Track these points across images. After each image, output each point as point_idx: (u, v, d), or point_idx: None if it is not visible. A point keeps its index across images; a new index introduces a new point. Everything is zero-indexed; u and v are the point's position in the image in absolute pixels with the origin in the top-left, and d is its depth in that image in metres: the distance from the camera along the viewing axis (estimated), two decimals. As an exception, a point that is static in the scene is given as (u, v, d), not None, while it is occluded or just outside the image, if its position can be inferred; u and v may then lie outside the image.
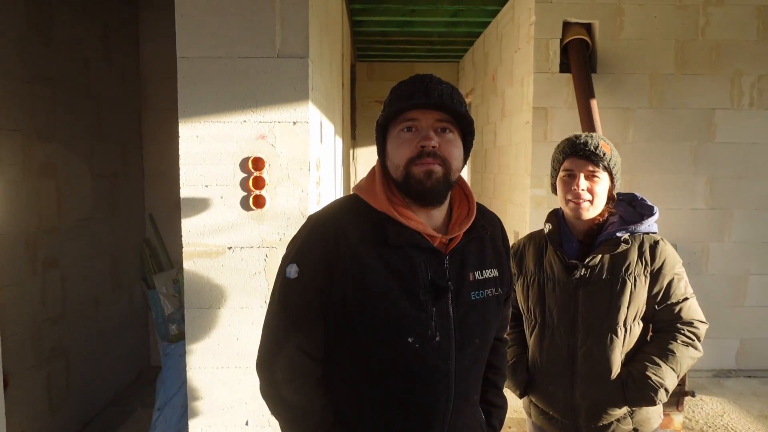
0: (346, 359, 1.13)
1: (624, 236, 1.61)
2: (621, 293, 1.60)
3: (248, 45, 2.16)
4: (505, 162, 4.99)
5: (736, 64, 4.15)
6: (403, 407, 1.12)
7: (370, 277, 1.08)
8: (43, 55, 3.15)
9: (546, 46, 4.10)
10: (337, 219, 1.13)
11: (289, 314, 1.12)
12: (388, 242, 1.09)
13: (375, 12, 5.28)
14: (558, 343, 1.66)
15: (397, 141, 1.12)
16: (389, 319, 1.09)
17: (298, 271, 1.10)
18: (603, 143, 1.63)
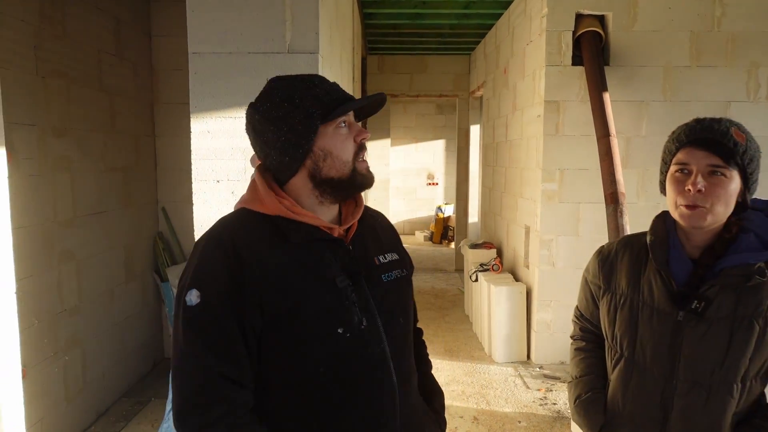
0: (277, 374, 1.07)
1: (759, 264, 1.19)
2: (745, 339, 1.19)
3: (259, 41, 2.17)
4: (516, 156, 4.96)
5: (753, 56, 4.08)
6: (352, 404, 1.09)
7: (284, 278, 1.06)
8: (57, 49, 3.18)
9: (558, 38, 4.07)
10: (230, 231, 1.08)
11: (205, 343, 1.01)
12: (290, 240, 1.09)
13: (386, 4, 5.26)
14: (649, 389, 1.29)
15: (338, 138, 1.11)
16: (314, 314, 1.06)
17: (199, 296, 1.01)
18: (735, 130, 1.22)
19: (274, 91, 1.12)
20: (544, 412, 3.61)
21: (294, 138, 1.09)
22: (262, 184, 1.13)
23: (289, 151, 1.10)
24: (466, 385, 4.04)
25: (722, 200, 1.19)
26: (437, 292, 6.84)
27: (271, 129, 1.10)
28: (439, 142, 11.63)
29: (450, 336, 5.15)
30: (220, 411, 0.99)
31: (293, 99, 1.10)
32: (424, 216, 11.70)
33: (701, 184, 1.18)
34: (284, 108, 1.09)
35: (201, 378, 1.00)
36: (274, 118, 1.10)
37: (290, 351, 1.05)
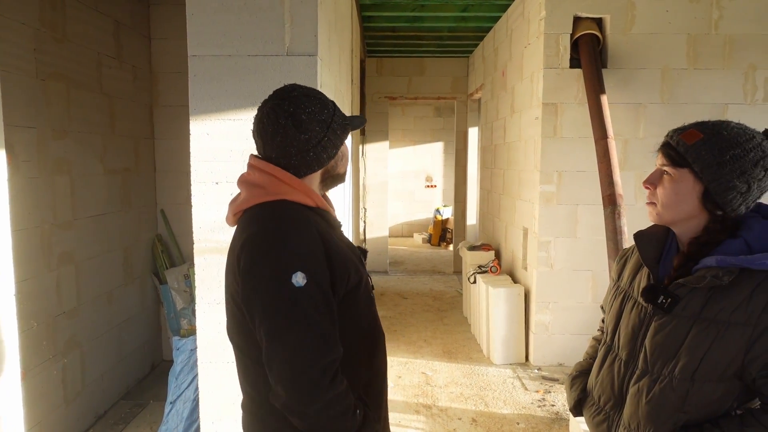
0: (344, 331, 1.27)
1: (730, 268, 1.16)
2: (700, 338, 1.19)
3: (258, 43, 2.18)
4: (515, 158, 4.97)
5: (750, 58, 4.11)
6: (380, 350, 1.42)
7: (349, 258, 1.30)
8: (57, 52, 3.19)
9: (556, 41, 4.08)
10: (307, 218, 1.25)
11: (322, 314, 1.18)
12: (333, 227, 1.35)
13: (384, 7, 5.28)
14: (614, 373, 1.36)
15: (345, 151, 1.40)
16: (365, 284, 1.35)
17: (305, 277, 1.16)
18: (691, 131, 1.23)
19: (312, 98, 1.30)
20: (543, 413, 3.62)
21: (335, 139, 1.32)
22: (293, 179, 1.28)
23: (329, 149, 1.31)
24: (465, 386, 4.05)
25: (667, 198, 1.25)
26: (436, 294, 6.85)
27: (317, 129, 1.28)
28: (438, 145, 11.64)
29: (448, 338, 5.15)
30: (337, 366, 1.20)
31: (329, 107, 1.31)
32: (423, 218, 11.71)
33: (648, 182, 1.30)
34: (326, 113, 1.30)
35: (325, 341, 1.17)
36: (320, 120, 1.28)
37: (357, 313, 1.31)
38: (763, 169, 1.20)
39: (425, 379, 4.19)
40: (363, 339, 1.34)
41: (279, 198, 1.25)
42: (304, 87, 1.33)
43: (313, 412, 1.15)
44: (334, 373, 1.17)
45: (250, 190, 1.29)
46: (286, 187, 1.26)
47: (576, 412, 1.51)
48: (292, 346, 1.15)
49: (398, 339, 5.10)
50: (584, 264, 4.22)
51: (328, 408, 1.16)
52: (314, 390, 1.14)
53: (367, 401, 1.32)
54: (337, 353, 1.19)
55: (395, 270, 8.30)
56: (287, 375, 1.14)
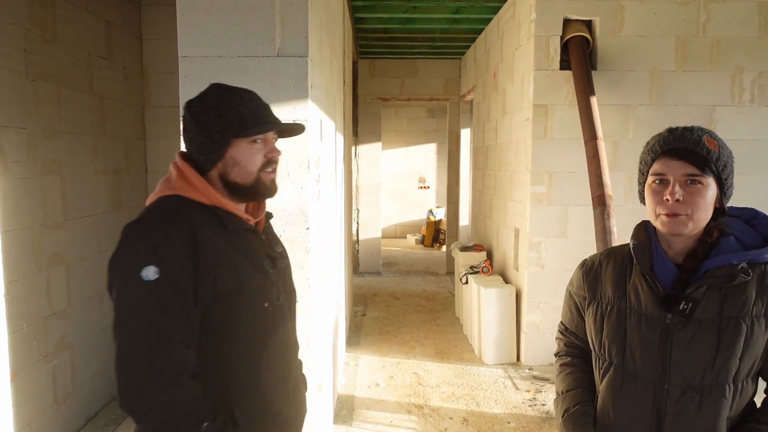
0: (213, 338, 1.23)
1: (742, 264, 1.21)
2: (734, 338, 1.19)
3: (248, 44, 2.18)
4: (506, 159, 5.00)
5: (737, 61, 4.15)
6: (271, 364, 1.33)
7: (230, 259, 1.25)
8: (47, 52, 3.18)
9: (546, 43, 4.12)
10: (180, 214, 1.22)
11: (167, 313, 1.14)
12: (228, 228, 1.28)
13: (377, 9, 5.30)
14: (640, 396, 1.27)
15: (249, 151, 1.30)
16: (250, 291, 1.28)
17: (158, 271, 1.13)
18: (708, 138, 1.24)
19: (206, 98, 1.30)
20: (534, 413, 3.64)
21: (210, 143, 1.27)
22: (194, 175, 1.28)
23: (204, 152, 1.28)
24: (456, 386, 4.07)
25: (701, 207, 1.21)
26: (428, 294, 6.87)
27: (195, 129, 1.28)
28: (431, 146, 11.68)
29: (441, 338, 5.17)
30: (179, 370, 1.14)
31: (219, 110, 1.27)
32: (416, 219, 11.73)
33: (679, 194, 1.21)
34: (209, 115, 1.27)
35: (166, 344, 1.14)
36: (199, 121, 1.28)
37: (229, 322, 1.25)
38: None
39: (417, 379, 4.20)
40: (241, 351, 1.27)
41: (174, 193, 1.26)
42: (217, 86, 1.33)
43: (142, 413, 1.12)
44: (172, 378, 1.12)
45: (159, 185, 1.31)
46: (183, 182, 1.27)
47: None
48: (126, 341, 1.13)
49: (391, 339, 5.11)
50: (574, 264, 4.20)
51: (162, 412, 1.12)
52: (142, 390, 1.11)
53: (238, 421, 1.24)
54: (179, 357, 1.14)
55: (388, 271, 8.32)
56: (119, 369, 1.12)
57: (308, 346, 2.31)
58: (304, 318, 2.29)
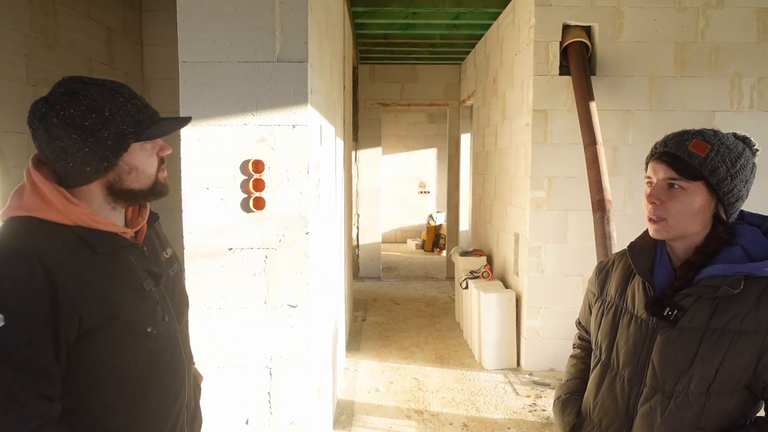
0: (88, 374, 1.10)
1: (737, 276, 1.16)
2: (713, 350, 1.17)
3: (248, 50, 2.20)
4: (506, 164, 5.01)
5: (736, 66, 4.17)
6: (155, 385, 1.20)
7: (99, 290, 1.08)
8: (48, 58, 3.20)
9: (546, 48, 4.13)
10: (32, 245, 1.04)
11: (16, 366, 0.99)
12: (97, 251, 1.10)
13: (377, 15, 5.32)
14: (617, 393, 1.30)
15: (144, 154, 1.16)
16: (129, 320, 1.12)
17: (3, 318, 0.97)
18: (697, 142, 1.20)
19: (78, 98, 1.08)
20: (534, 418, 3.63)
21: (101, 151, 1.09)
22: (51, 190, 1.08)
23: (93, 162, 1.09)
24: (456, 392, 4.06)
25: (677, 213, 1.20)
26: (428, 300, 6.86)
27: (74, 137, 1.07)
28: (431, 151, 11.69)
29: (441, 343, 5.16)
30: (37, 425, 1.00)
31: (103, 111, 1.08)
32: (416, 224, 11.73)
33: (654, 197, 1.22)
34: (92, 119, 1.07)
35: (15, 402, 0.98)
36: (79, 126, 1.07)
37: (104, 354, 1.10)
38: (753, 176, 1.23)
39: (417, 384, 4.19)
40: (117, 383, 1.13)
41: (26, 213, 1.08)
42: (83, 81, 1.11)
43: None
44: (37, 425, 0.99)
45: (11, 199, 1.12)
46: (39, 201, 1.08)
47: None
48: None
49: (390, 345, 5.11)
50: (574, 269, 4.25)
51: None
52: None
53: None
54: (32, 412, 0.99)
55: (388, 276, 8.31)
56: None
57: (307, 350, 2.31)
58: (303, 323, 2.30)
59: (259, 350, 2.29)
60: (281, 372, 2.30)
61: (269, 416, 2.31)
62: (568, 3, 4.09)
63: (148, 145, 1.17)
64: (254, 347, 2.29)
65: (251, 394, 2.29)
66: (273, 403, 2.31)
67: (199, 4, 2.18)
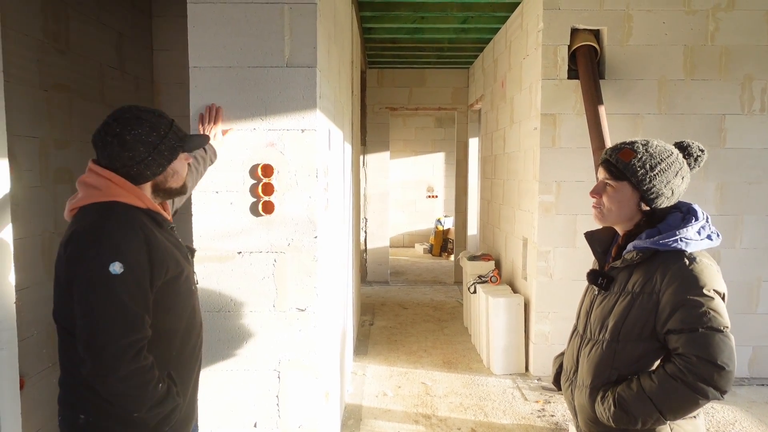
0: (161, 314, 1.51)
1: (630, 253, 1.54)
2: (622, 306, 1.54)
3: (258, 55, 2.21)
4: (514, 168, 5.00)
5: (747, 69, 4.14)
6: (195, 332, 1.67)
7: (172, 253, 1.55)
8: (60, 63, 3.23)
9: (554, 52, 4.12)
10: (131, 217, 1.47)
11: (134, 298, 1.41)
12: (163, 227, 1.58)
13: (385, 19, 5.34)
14: (574, 345, 1.71)
15: (182, 161, 1.63)
16: (187, 277, 1.62)
17: (122, 266, 1.39)
18: (626, 150, 1.56)
19: (143, 122, 1.51)
20: (542, 423, 3.61)
21: (160, 159, 1.54)
22: (126, 183, 1.52)
23: (153, 167, 1.54)
24: (464, 396, 4.04)
25: (609, 205, 1.58)
26: (436, 304, 6.84)
27: (141, 149, 1.50)
28: (439, 155, 11.68)
29: (449, 348, 5.15)
30: (142, 344, 1.43)
31: (160, 131, 1.53)
32: (424, 228, 11.72)
33: (594, 192, 1.61)
34: (153, 136, 1.52)
35: (132, 322, 1.40)
36: (146, 142, 1.50)
37: (175, 299, 1.57)
38: (681, 177, 1.55)
39: (425, 389, 4.18)
40: (178, 322, 1.58)
41: (111, 199, 1.48)
42: (141, 109, 1.54)
43: (113, 380, 1.38)
44: (137, 350, 1.40)
45: (86, 190, 1.50)
46: (119, 189, 1.49)
47: (556, 384, 1.83)
48: (99, 322, 1.38)
49: (398, 349, 5.10)
50: (583, 273, 4.19)
51: (129, 379, 1.39)
52: (115, 362, 1.37)
53: (174, 377, 1.55)
54: (142, 334, 1.42)
55: (396, 280, 8.30)
56: (92, 346, 1.37)
57: (315, 354, 2.31)
58: (312, 326, 2.30)
59: (267, 353, 2.30)
60: (289, 375, 2.31)
61: (278, 419, 2.31)
62: (577, 6, 4.08)
63: (183, 155, 1.61)
64: (263, 350, 2.29)
65: (260, 398, 2.30)
66: (281, 407, 2.31)
67: (210, 10, 2.20)
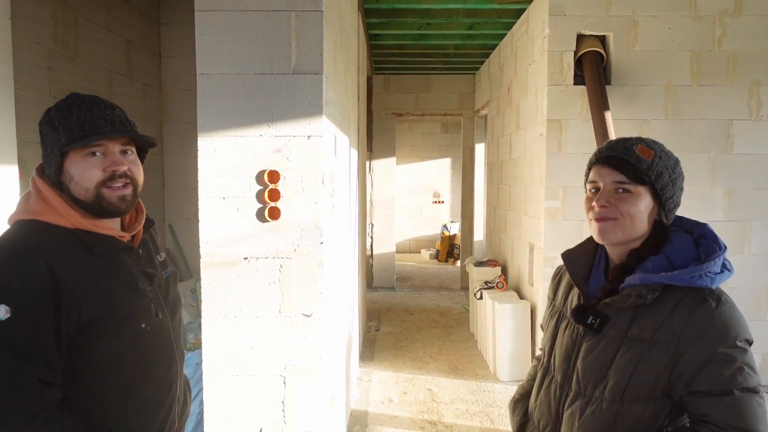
0: (86, 364, 1.20)
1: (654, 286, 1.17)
2: (627, 359, 1.18)
3: (265, 62, 2.23)
4: (520, 174, 4.99)
5: (755, 75, 4.12)
6: (149, 377, 1.31)
7: (96, 286, 1.19)
8: (69, 70, 3.27)
9: (560, 58, 4.12)
10: (35, 245, 1.15)
11: (19, 353, 1.10)
12: (95, 252, 1.22)
13: (391, 26, 5.36)
14: (551, 395, 1.34)
15: (83, 165, 1.22)
16: (123, 315, 1.23)
17: (9, 310, 1.08)
18: (642, 147, 1.23)
19: (50, 110, 1.24)
20: (549, 431, 3.58)
21: (47, 157, 1.24)
22: (52, 194, 1.22)
23: (47, 167, 1.25)
24: (471, 403, 4.02)
25: (629, 215, 1.21)
26: (442, 310, 6.83)
27: (41, 143, 1.25)
28: (445, 161, 11.69)
29: (455, 354, 5.13)
30: (36, 409, 1.10)
31: (53, 122, 1.22)
32: (430, 234, 11.71)
33: (604, 200, 1.23)
34: (47, 128, 1.23)
35: (17, 385, 1.09)
36: (42, 133, 1.24)
37: (101, 346, 1.21)
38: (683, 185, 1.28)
39: (431, 395, 4.17)
40: (113, 373, 1.24)
41: (32, 217, 1.20)
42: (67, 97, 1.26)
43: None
44: (29, 416, 1.09)
45: (18, 204, 1.25)
46: (42, 205, 1.21)
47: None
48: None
49: (404, 355, 5.09)
50: (590, 280, 4.20)
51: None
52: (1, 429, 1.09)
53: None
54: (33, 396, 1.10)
55: (402, 286, 8.30)
56: None
57: (321, 360, 2.31)
58: (318, 332, 2.30)
59: (273, 359, 2.30)
60: (295, 381, 2.31)
61: (283, 425, 2.31)
62: (583, 13, 4.08)
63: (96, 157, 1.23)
64: (268, 356, 2.30)
65: (265, 403, 2.30)
66: (287, 413, 2.31)
67: (217, 17, 2.22)
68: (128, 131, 1.27)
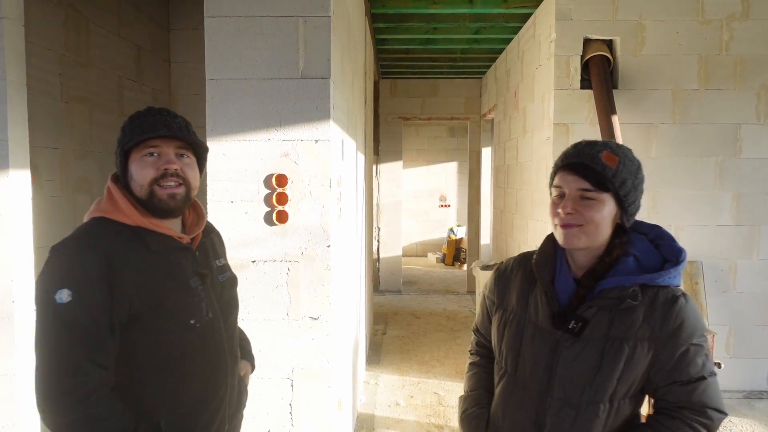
0: (139, 355, 1.27)
1: (633, 287, 1.22)
2: (614, 360, 1.21)
3: (273, 67, 2.25)
4: (527, 178, 4.99)
5: (763, 79, 4.11)
6: (198, 377, 1.35)
7: (149, 280, 1.27)
8: (81, 76, 3.31)
9: (567, 62, 4.13)
10: (98, 238, 1.26)
11: (76, 334, 1.18)
12: (152, 249, 1.30)
13: (398, 30, 5.39)
14: (527, 406, 1.30)
15: (140, 164, 1.32)
16: (172, 310, 1.30)
17: (71, 294, 1.18)
18: (607, 154, 1.24)
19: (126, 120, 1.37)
20: (556, 435, 3.57)
21: (116, 159, 1.36)
22: (119, 195, 1.32)
23: (117, 167, 1.36)
24: (478, 407, 4.02)
25: (593, 221, 1.23)
26: (449, 314, 6.82)
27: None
28: (452, 164, 11.69)
29: (461, 358, 5.12)
30: (89, 389, 1.17)
31: (124, 128, 1.35)
32: (437, 238, 11.70)
33: (570, 207, 1.24)
34: (119, 134, 1.36)
35: (73, 365, 1.17)
36: (117, 141, 1.36)
37: (151, 338, 1.28)
38: None
39: (437, 399, 4.17)
40: (162, 366, 1.30)
41: (100, 215, 1.31)
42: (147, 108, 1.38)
43: (61, 426, 1.18)
44: (82, 395, 1.16)
45: (93, 205, 1.35)
46: (110, 205, 1.31)
47: None
48: (41, 360, 1.19)
49: (411, 359, 5.09)
50: (597, 284, 4.18)
51: (80, 426, 1.17)
52: (55, 408, 1.17)
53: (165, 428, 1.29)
54: (87, 377, 1.17)
55: (409, 289, 8.30)
56: (36, 386, 1.18)
57: (328, 363, 2.33)
58: (325, 335, 2.32)
59: (281, 362, 2.32)
60: (303, 384, 2.32)
61: (290, 428, 2.32)
62: (589, 17, 4.09)
63: (151, 158, 1.32)
64: (276, 359, 2.32)
65: (273, 406, 2.31)
66: (294, 415, 2.33)
67: (226, 23, 2.25)
68: (181, 135, 1.34)
